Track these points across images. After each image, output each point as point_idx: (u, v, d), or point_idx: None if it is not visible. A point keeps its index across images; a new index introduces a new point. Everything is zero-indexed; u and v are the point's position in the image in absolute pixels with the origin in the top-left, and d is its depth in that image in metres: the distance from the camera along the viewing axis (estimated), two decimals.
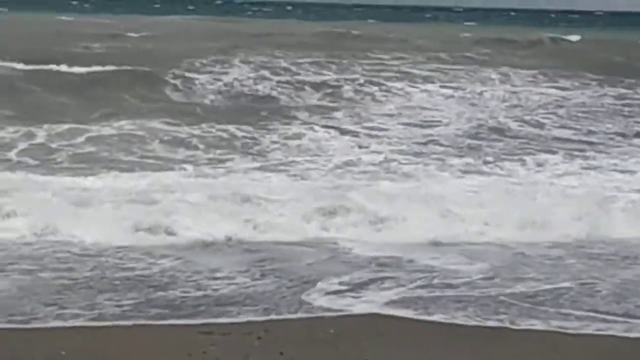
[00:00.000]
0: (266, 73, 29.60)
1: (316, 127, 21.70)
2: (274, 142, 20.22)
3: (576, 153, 20.61)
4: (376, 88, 27.97)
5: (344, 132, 21.54)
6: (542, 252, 12.39)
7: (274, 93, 26.89)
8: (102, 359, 7.49)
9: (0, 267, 10.76)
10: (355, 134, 21.78)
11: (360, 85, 28.64)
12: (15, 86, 24.85)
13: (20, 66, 26.69)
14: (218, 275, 10.75)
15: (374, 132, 22.03)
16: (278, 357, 7.60)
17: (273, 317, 9.23)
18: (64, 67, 28.17)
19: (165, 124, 21.31)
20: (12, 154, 18.07)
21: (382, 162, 18.39)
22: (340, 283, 10.45)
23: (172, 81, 27.36)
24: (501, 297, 10.20)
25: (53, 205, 13.34)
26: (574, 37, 52.35)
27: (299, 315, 9.35)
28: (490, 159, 19.48)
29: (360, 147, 19.69)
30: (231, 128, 21.25)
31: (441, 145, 20.53)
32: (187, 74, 28.69)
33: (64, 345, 7.84)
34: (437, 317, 9.34)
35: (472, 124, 22.91)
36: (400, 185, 15.95)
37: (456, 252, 12.30)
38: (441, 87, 29.41)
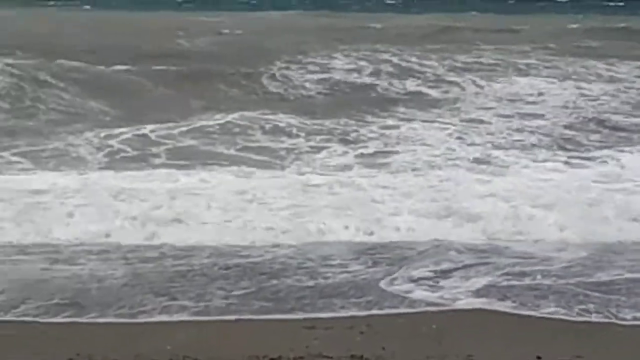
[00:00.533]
0: (367, 65, 29.21)
1: (416, 121, 21.20)
2: (373, 132, 20.22)
3: None
4: (479, 81, 27.36)
5: (443, 124, 20.97)
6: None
7: (376, 85, 26.48)
8: (205, 353, 7.57)
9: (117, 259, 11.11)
10: (454, 125, 21.30)
11: (463, 77, 27.96)
12: (121, 84, 25.04)
13: (121, 67, 26.61)
14: (331, 263, 11.01)
15: (474, 125, 21.30)
16: (381, 352, 7.58)
17: (375, 311, 9.25)
18: (163, 65, 28.21)
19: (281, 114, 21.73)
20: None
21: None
22: (442, 276, 10.44)
23: (275, 74, 27.31)
24: (603, 289, 10.12)
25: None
26: None
27: (402, 310, 9.36)
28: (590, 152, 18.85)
29: (459, 139, 19.14)
30: (341, 121, 21.28)
31: (539, 138, 19.79)
32: (289, 67, 28.62)
33: (170, 339, 8.07)
34: (541, 312, 9.33)
35: (574, 117, 22.24)
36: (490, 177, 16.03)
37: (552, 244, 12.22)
38: (546, 78, 28.43)
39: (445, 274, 10.51)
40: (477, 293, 9.86)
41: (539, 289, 10.02)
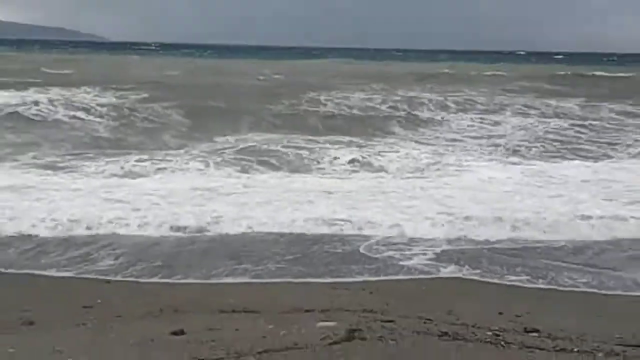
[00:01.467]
0: (378, 97, 31.25)
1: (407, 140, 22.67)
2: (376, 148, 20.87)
3: None
4: (457, 114, 28.63)
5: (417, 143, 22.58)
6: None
7: (382, 110, 27.73)
8: (259, 306, 7.85)
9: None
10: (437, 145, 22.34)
11: (446, 109, 29.45)
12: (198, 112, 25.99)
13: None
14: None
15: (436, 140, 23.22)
16: (385, 307, 7.91)
17: (382, 277, 9.75)
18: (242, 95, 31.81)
19: None
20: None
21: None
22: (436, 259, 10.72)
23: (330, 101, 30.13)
24: (554, 263, 10.49)
25: None
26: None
27: (400, 277, 9.89)
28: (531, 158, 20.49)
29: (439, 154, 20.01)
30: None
31: (501, 150, 20.86)
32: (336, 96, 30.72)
33: (234, 295, 8.50)
34: (502, 280, 9.75)
35: (525, 137, 23.12)
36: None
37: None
38: (510, 110, 29.61)
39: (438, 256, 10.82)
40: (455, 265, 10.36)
41: (502, 263, 10.43)
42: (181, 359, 5.67)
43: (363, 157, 19.18)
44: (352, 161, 18.72)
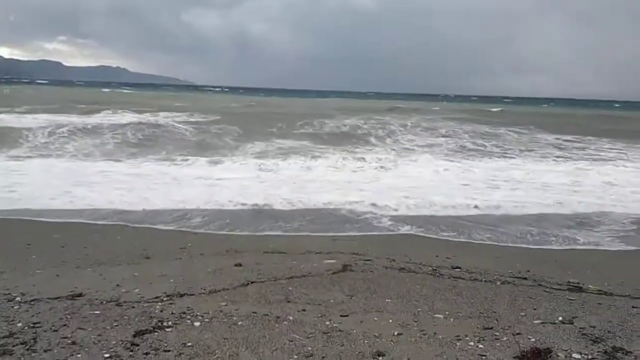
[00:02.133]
0: (362, 123, 30.71)
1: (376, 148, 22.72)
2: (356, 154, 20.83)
3: None
4: (414, 132, 28.55)
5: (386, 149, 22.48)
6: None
7: (364, 130, 27.55)
8: (286, 248, 7.83)
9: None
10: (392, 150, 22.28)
11: (404, 129, 29.23)
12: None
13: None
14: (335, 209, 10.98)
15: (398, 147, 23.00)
16: (366, 251, 7.85)
17: (364, 233, 9.64)
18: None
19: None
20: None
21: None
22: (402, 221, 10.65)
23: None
24: (469, 224, 10.40)
25: None
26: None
27: (375, 233, 9.79)
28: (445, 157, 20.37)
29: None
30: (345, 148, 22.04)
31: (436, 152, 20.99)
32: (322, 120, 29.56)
33: (270, 243, 8.38)
34: (439, 235, 9.68)
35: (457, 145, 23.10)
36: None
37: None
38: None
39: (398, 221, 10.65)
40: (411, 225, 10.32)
41: (439, 224, 10.35)
42: (240, 281, 5.72)
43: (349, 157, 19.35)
44: (343, 159, 18.78)
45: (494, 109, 50.30)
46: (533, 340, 4.26)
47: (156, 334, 4.24)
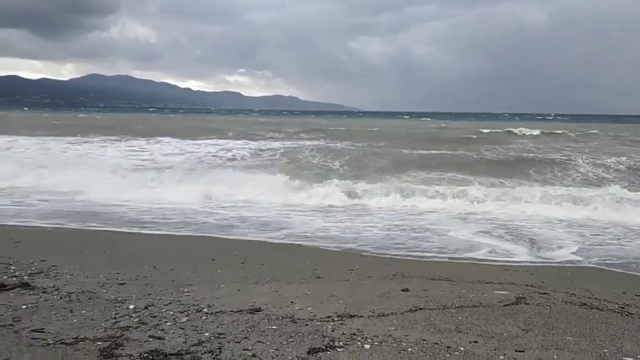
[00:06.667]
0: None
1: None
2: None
3: None
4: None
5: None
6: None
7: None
8: (455, 278, 7.63)
9: None
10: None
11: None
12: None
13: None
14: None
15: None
16: (540, 283, 7.39)
17: (541, 263, 8.97)
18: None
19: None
20: None
21: None
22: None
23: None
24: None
25: None
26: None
27: (541, 263, 9.15)
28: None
29: None
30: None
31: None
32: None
33: (438, 269, 8.24)
34: (627, 270, 8.87)
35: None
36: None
37: None
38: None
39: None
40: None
41: (624, 257, 9.41)
42: (407, 307, 5.67)
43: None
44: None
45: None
46: None
47: (329, 353, 4.34)
